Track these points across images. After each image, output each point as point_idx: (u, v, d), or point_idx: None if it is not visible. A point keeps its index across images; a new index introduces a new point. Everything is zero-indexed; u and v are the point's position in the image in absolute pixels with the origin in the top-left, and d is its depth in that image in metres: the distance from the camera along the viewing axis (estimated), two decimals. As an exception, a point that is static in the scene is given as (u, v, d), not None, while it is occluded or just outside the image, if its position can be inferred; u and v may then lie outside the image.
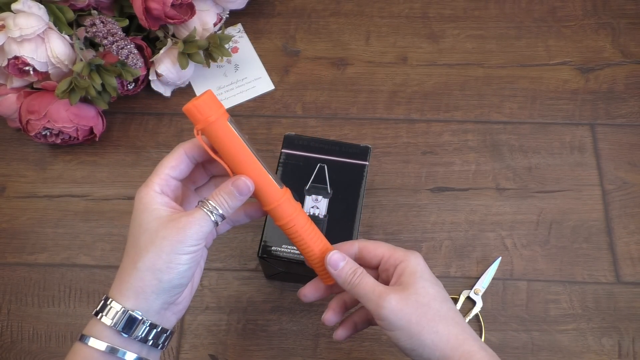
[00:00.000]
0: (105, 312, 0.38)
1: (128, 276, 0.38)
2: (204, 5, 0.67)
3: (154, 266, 0.38)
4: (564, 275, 0.61)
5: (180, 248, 0.38)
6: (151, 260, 0.38)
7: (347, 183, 0.55)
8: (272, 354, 0.58)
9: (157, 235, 0.38)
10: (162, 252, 0.38)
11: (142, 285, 0.38)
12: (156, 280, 0.38)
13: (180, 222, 0.38)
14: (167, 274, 0.38)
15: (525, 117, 0.68)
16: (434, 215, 0.64)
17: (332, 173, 0.55)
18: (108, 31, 0.59)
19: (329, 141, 0.56)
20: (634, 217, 0.63)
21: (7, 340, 0.59)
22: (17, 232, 0.64)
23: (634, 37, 0.72)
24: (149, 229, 0.38)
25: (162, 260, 0.38)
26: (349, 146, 0.56)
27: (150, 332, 0.39)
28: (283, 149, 0.56)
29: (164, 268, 0.38)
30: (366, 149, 0.56)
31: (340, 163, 0.55)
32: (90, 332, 0.39)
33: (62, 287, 0.61)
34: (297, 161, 0.55)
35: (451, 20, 0.74)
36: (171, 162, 0.41)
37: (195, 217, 0.38)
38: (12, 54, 0.56)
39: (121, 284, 0.39)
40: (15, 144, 0.68)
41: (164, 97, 0.70)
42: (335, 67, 0.72)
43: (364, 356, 0.58)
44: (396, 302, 0.39)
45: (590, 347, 0.58)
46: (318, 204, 0.54)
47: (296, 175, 0.55)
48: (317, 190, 0.54)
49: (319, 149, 0.56)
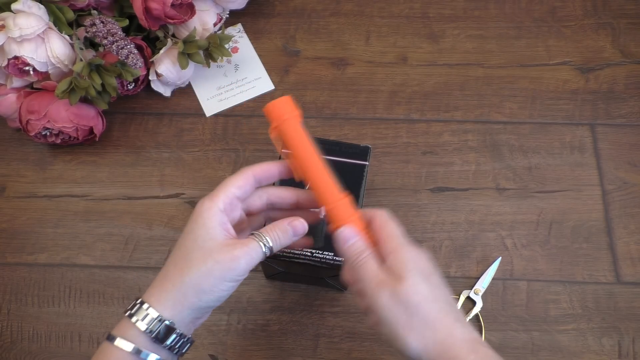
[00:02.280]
0: (142, 317, 0.39)
1: (172, 286, 0.39)
2: (204, 5, 0.67)
3: (199, 285, 0.39)
4: (564, 275, 0.61)
5: (229, 276, 0.39)
6: (199, 279, 0.39)
7: (347, 183, 0.54)
8: (272, 354, 0.58)
9: (211, 257, 0.39)
10: (211, 275, 0.39)
11: (183, 300, 0.39)
12: (197, 299, 0.39)
13: (235, 251, 0.39)
14: (209, 295, 0.39)
15: (525, 117, 0.68)
16: (434, 215, 0.64)
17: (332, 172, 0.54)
18: (108, 31, 0.59)
19: (329, 141, 0.56)
20: (634, 217, 0.63)
21: (7, 340, 0.59)
22: (17, 232, 0.64)
23: (634, 37, 0.72)
24: (203, 247, 0.39)
25: (209, 283, 0.39)
26: (349, 146, 0.56)
27: (179, 342, 0.40)
28: (283, 149, 0.56)
29: (208, 290, 0.39)
30: (366, 149, 0.56)
31: (340, 163, 0.55)
32: (123, 335, 0.39)
33: (62, 287, 0.61)
34: None
35: (451, 20, 0.74)
36: (239, 182, 0.42)
37: (249, 247, 0.40)
38: (12, 54, 0.56)
39: (162, 292, 0.39)
40: (15, 144, 0.68)
41: (164, 97, 0.70)
42: (335, 67, 0.72)
43: (364, 356, 0.58)
44: (387, 299, 0.38)
45: (590, 347, 0.58)
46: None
47: None
48: None
49: (319, 149, 0.55)
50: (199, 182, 0.66)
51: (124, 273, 0.62)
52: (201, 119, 0.69)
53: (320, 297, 0.60)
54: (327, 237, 0.52)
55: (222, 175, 0.66)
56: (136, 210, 0.64)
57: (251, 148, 0.67)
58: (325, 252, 0.52)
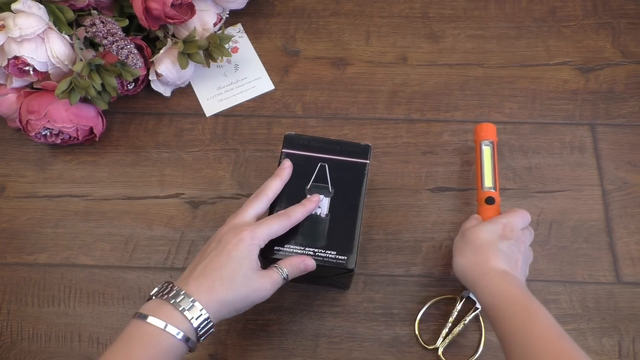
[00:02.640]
0: (188, 307, 0.45)
1: (218, 300, 0.46)
2: (204, 5, 0.67)
3: (235, 304, 0.47)
4: (564, 275, 0.61)
5: (258, 300, 0.48)
6: (239, 300, 0.47)
7: (349, 182, 0.55)
8: (272, 354, 0.58)
9: (250, 287, 0.47)
10: (247, 299, 0.48)
11: (221, 309, 0.47)
12: (234, 311, 0.48)
13: (266, 282, 0.48)
14: (242, 309, 0.48)
15: (525, 117, 0.68)
16: (434, 215, 0.64)
17: (333, 172, 0.55)
18: (108, 31, 0.59)
19: (330, 140, 0.56)
20: (634, 217, 0.63)
21: (7, 340, 0.59)
22: (17, 232, 0.64)
23: (634, 37, 0.72)
24: (246, 275, 0.47)
25: (243, 304, 0.48)
26: (350, 145, 0.56)
27: (208, 332, 0.47)
28: (284, 148, 0.56)
29: (240, 309, 0.48)
30: (367, 147, 0.56)
31: (341, 162, 0.55)
32: (172, 322, 0.44)
33: (62, 287, 0.61)
34: (298, 161, 0.55)
35: (451, 20, 0.74)
36: (277, 227, 0.50)
37: (274, 279, 0.49)
38: (12, 54, 0.56)
39: (211, 301, 0.46)
40: (15, 144, 0.68)
41: (164, 97, 0.70)
42: (335, 67, 0.72)
43: (364, 356, 0.58)
44: (459, 236, 0.55)
45: (590, 347, 0.58)
46: (320, 203, 0.54)
47: (297, 175, 0.55)
48: (318, 189, 0.54)
49: (320, 148, 0.56)
50: (199, 182, 0.66)
51: (124, 273, 0.62)
52: (201, 119, 0.69)
53: (320, 297, 0.60)
54: (329, 237, 0.52)
55: (222, 175, 0.66)
56: (136, 210, 0.64)
57: (251, 148, 0.67)
58: (328, 251, 0.52)
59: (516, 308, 0.47)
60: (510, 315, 0.46)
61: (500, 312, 0.47)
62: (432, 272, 0.61)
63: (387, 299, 0.60)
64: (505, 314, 0.47)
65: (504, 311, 0.47)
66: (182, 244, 0.63)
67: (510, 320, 0.46)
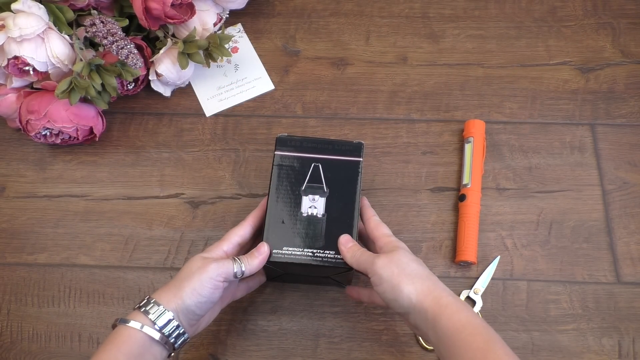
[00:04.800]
0: (148, 308, 0.48)
1: (172, 292, 0.49)
2: (204, 5, 0.67)
3: (182, 287, 0.49)
4: (564, 275, 0.61)
5: (204, 277, 0.49)
6: (182, 282, 0.49)
7: (343, 181, 0.55)
8: (272, 354, 0.58)
9: (193, 269, 0.50)
10: (193, 277, 0.49)
11: (175, 300, 0.49)
12: (181, 301, 0.49)
13: (211, 262, 0.50)
14: (190, 298, 0.49)
15: (525, 117, 0.68)
16: (434, 215, 0.64)
17: (327, 172, 0.55)
18: (108, 31, 0.59)
19: (322, 140, 0.57)
20: (634, 217, 0.63)
21: (7, 340, 0.59)
22: (17, 232, 0.64)
23: (634, 37, 0.72)
24: (193, 266, 0.50)
25: (191, 283, 0.49)
26: (342, 144, 0.56)
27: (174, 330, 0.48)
28: (276, 150, 0.56)
29: (190, 292, 0.49)
30: (359, 145, 0.56)
31: (335, 161, 0.55)
32: (134, 318, 0.48)
33: (62, 287, 0.61)
34: (291, 162, 0.55)
35: (451, 20, 0.74)
36: (239, 232, 0.54)
37: (223, 261, 0.50)
38: (12, 54, 0.56)
39: (168, 294, 0.49)
40: (15, 144, 0.68)
41: (164, 97, 0.70)
42: (335, 67, 0.72)
43: (364, 356, 0.58)
44: (382, 261, 0.49)
45: (590, 347, 0.58)
46: (315, 203, 0.54)
47: (292, 176, 0.55)
48: (313, 190, 0.54)
49: (312, 148, 0.56)
50: (199, 182, 0.66)
51: (124, 273, 0.62)
52: (201, 119, 0.69)
53: (320, 297, 0.60)
54: (327, 236, 0.52)
55: (222, 175, 0.66)
56: (136, 210, 0.64)
57: (251, 148, 0.67)
58: (327, 251, 0.52)
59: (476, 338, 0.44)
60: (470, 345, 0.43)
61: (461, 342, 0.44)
62: (432, 272, 0.61)
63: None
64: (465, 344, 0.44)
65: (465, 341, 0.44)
66: (182, 244, 0.63)
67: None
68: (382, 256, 0.49)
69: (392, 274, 0.48)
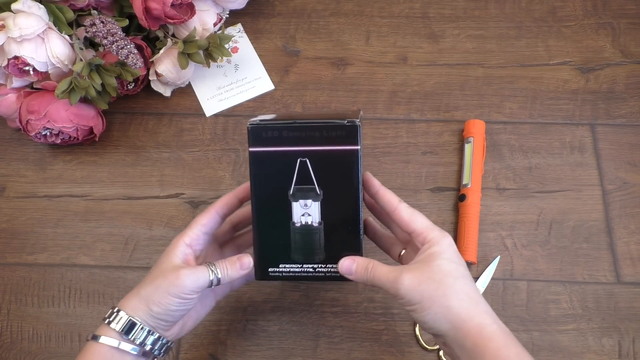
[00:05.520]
0: (107, 315, 0.45)
1: (132, 296, 0.46)
2: (204, 5, 0.67)
3: (150, 297, 0.45)
4: (564, 275, 0.61)
5: (173, 291, 0.44)
6: (150, 292, 0.45)
7: (339, 177, 0.45)
8: (272, 354, 0.58)
9: (162, 275, 0.45)
10: (159, 288, 0.44)
11: (139, 306, 0.45)
12: (147, 308, 0.45)
13: (182, 270, 0.45)
14: (158, 307, 0.44)
15: (525, 117, 0.68)
16: (434, 215, 0.64)
17: (318, 168, 0.44)
18: (108, 31, 0.59)
19: (306, 125, 0.44)
20: (634, 217, 0.63)
21: (7, 340, 0.59)
22: (17, 232, 0.64)
23: (634, 37, 0.72)
24: (160, 268, 0.46)
25: (157, 296, 0.44)
26: (332, 127, 0.44)
27: (146, 337, 0.45)
28: (250, 147, 0.45)
29: (157, 301, 0.44)
30: (354, 128, 0.43)
31: (325, 153, 0.44)
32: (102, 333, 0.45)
33: (62, 287, 0.61)
34: (271, 159, 0.44)
35: (451, 20, 0.74)
36: (203, 220, 0.48)
37: (196, 269, 0.45)
38: (12, 54, 0.56)
39: (125, 300, 0.46)
40: (15, 144, 0.68)
41: (164, 97, 0.70)
42: (335, 67, 0.72)
43: (364, 356, 0.58)
44: (409, 281, 0.42)
45: (591, 347, 0.58)
46: (308, 209, 0.45)
47: (275, 178, 0.45)
48: (303, 193, 0.45)
49: (296, 138, 0.44)
50: (199, 182, 0.66)
51: (124, 273, 0.62)
52: (201, 119, 0.69)
53: (320, 297, 0.60)
54: (327, 248, 0.47)
55: (222, 175, 0.66)
56: (136, 210, 0.64)
57: (251, 148, 0.67)
58: (329, 265, 0.47)
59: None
60: None
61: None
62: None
63: (387, 299, 0.60)
64: None
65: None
66: (182, 244, 0.63)
67: None
68: (406, 274, 0.42)
69: (422, 296, 0.41)
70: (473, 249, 0.60)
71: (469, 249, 0.60)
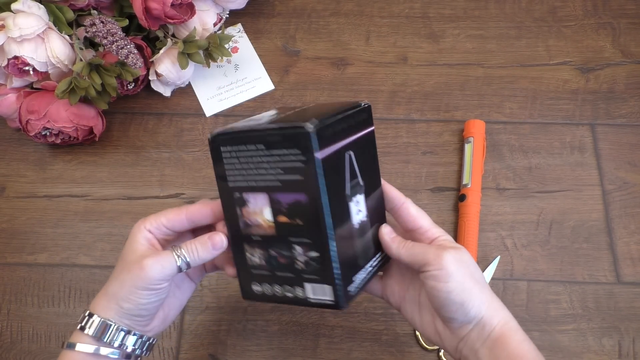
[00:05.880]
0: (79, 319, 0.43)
1: (101, 295, 0.43)
2: (204, 5, 0.67)
3: (118, 294, 0.41)
4: (564, 275, 0.61)
5: (140, 284, 0.41)
6: (116, 289, 0.42)
7: (366, 161, 0.43)
8: (272, 354, 0.58)
9: (125, 268, 0.42)
10: (125, 284, 0.41)
11: (108, 305, 0.42)
12: (118, 306, 0.42)
13: (145, 260, 0.41)
14: (128, 303, 0.41)
15: (525, 117, 0.68)
16: (434, 215, 0.64)
17: (357, 157, 0.42)
18: (108, 31, 0.59)
19: (345, 116, 0.40)
20: (634, 217, 0.63)
21: (7, 340, 0.59)
22: (17, 232, 0.64)
23: (634, 37, 0.72)
24: (125, 260, 0.42)
25: (124, 292, 0.41)
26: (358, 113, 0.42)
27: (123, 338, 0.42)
28: (320, 149, 0.37)
29: (125, 297, 0.41)
30: (370, 108, 0.43)
31: (359, 140, 0.42)
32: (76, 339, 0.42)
33: (62, 287, 0.61)
34: (332, 162, 0.38)
35: (451, 20, 0.74)
36: (169, 215, 0.44)
37: (161, 256, 0.41)
38: (12, 54, 0.56)
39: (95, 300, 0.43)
40: (15, 144, 0.68)
41: (164, 97, 0.70)
42: (335, 67, 0.72)
43: (364, 356, 0.58)
44: (454, 256, 0.41)
45: (591, 347, 0.58)
46: (359, 206, 0.41)
47: (337, 181, 0.39)
48: (355, 189, 0.41)
49: (341, 132, 0.39)
50: (199, 182, 0.66)
51: (124, 273, 0.62)
52: (201, 119, 0.69)
53: (320, 297, 0.60)
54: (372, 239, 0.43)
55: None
56: (136, 210, 0.64)
57: (251, 148, 0.67)
58: (377, 255, 0.44)
59: None
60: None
61: None
62: None
63: (387, 299, 0.60)
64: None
65: None
66: (182, 244, 0.63)
67: None
68: (452, 250, 0.41)
69: (464, 274, 0.41)
70: (473, 249, 0.60)
71: (469, 249, 0.60)
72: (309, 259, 0.39)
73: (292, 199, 0.38)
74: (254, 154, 0.39)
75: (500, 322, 0.41)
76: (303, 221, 0.39)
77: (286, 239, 0.40)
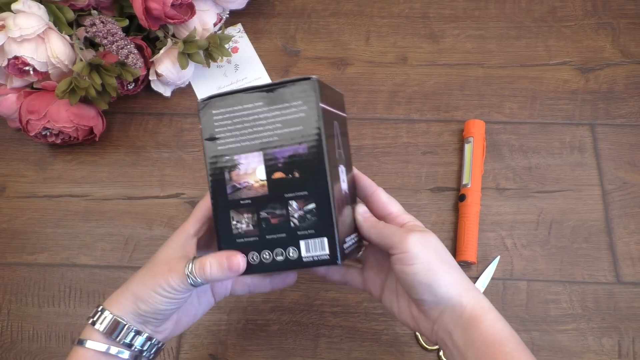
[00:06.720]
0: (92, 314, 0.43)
1: (120, 291, 0.43)
2: (204, 5, 0.67)
3: (137, 294, 0.42)
4: (564, 275, 0.61)
5: (160, 291, 0.41)
6: (137, 288, 0.42)
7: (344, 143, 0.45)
8: (272, 354, 0.58)
9: (151, 270, 0.42)
10: (146, 286, 0.41)
11: (125, 303, 0.42)
12: (135, 306, 0.42)
13: (172, 268, 0.41)
14: (146, 305, 0.41)
15: (525, 117, 0.68)
16: (434, 215, 0.64)
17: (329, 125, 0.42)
18: (108, 31, 0.59)
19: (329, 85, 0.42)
20: (634, 217, 0.63)
21: (7, 340, 0.59)
22: (17, 232, 0.64)
23: (634, 37, 0.72)
24: (154, 261, 0.43)
25: (144, 293, 0.41)
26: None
27: (133, 337, 0.42)
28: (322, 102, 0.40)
29: (144, 299, 0.41)
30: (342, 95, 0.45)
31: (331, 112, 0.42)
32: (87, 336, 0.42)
33: (62, 287, 0.61)
34: (330, 123, 0.41)
35: (451, 20, 0.74)
36: (202, 205, 0.44)
37: (176, 271, 0.41)
38: (12, 54, 0.56)
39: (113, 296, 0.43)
40: (15, 144, 0.68)
41: (164, 97, 0.70)
42: (335, 67, 0.72)
43: (364, 356, 0.58)
44: (418, 238, 0.41)
45: (590, 347, 0.58)
46: (343, 176, 0.42)
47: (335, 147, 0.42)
48: (340, 159, 0.42)
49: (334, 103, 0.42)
50: (199, 182, 0.66)
51: (124, 273, 0.62)
52: (201, 119, 0.69)
53: (320, 297, 0.60)
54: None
55: (222, 175, 0.66)
56: (136, 210, 0.64)
57: (251, 148, 0.67)
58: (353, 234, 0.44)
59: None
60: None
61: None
62: None
63: (387, 299, 0.60)
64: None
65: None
66: (182, 244, 0.63)
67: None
68: (417, 232, 0.41)
69: (430, 256, 0.41)
70: (473, 249, 0.60)
71: (469, 249, 0.60)
72: (306, 213, 0.40)
73: (290, 152, 0.40)
74: (251, 112, 0.40)
75: (471, 302, 0.41)
76: (301, 173, 0.40)
77: (281, 196, 0.40)
